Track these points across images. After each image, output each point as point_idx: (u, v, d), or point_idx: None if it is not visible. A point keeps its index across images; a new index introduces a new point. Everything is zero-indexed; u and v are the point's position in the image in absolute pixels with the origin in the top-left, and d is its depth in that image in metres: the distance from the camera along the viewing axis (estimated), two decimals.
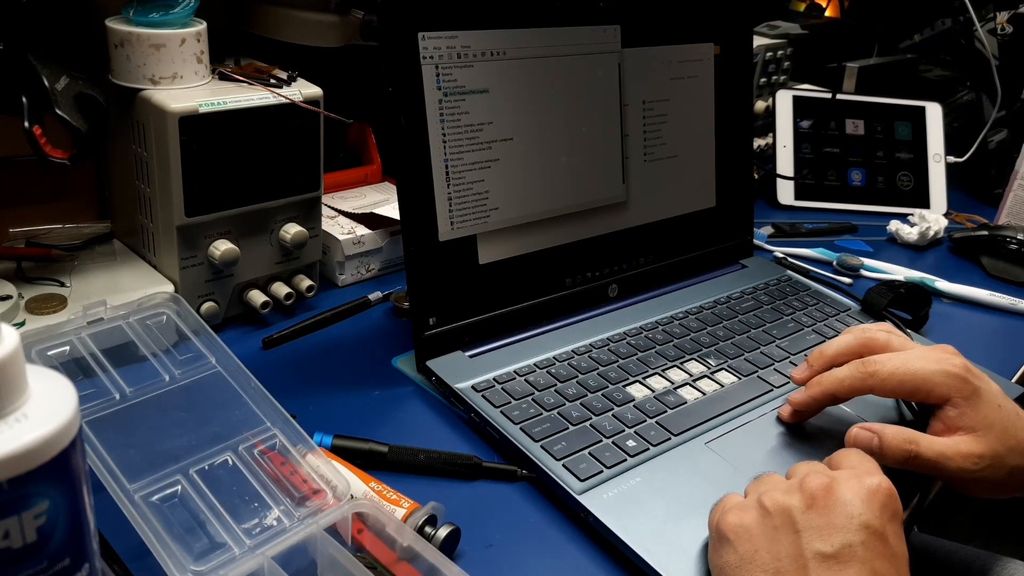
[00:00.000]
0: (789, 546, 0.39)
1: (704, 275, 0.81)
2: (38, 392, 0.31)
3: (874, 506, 0.40)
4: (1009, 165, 1.04)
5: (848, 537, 0.39)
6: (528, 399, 0.59)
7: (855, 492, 0.40)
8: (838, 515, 0.39)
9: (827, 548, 0.38)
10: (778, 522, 0.40)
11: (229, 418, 0.48)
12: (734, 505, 0.43)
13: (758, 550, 0.40)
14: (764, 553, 0.40)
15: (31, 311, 0.61)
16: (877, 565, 0.38)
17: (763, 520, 0.41)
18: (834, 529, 0.39)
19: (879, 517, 0.40)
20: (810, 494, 0.40)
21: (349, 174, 0.87)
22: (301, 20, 0.74)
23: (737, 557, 0.41)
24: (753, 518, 0.41)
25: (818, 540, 0.39)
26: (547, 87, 0.66)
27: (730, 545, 0.41)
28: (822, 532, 0.39)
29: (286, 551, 0.42)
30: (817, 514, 0.39)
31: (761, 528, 0.41)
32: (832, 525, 0.39)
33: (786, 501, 0.41)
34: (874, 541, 0.39)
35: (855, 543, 0.38)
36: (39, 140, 0.58)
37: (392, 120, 0.59)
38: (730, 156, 0.83)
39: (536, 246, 0.68)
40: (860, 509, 0.39)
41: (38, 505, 0.30)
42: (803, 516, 0.40)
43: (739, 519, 0.42)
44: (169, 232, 0.64)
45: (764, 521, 0.41)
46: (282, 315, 0.71)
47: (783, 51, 1.11)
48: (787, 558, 0.39)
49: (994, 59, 1.15)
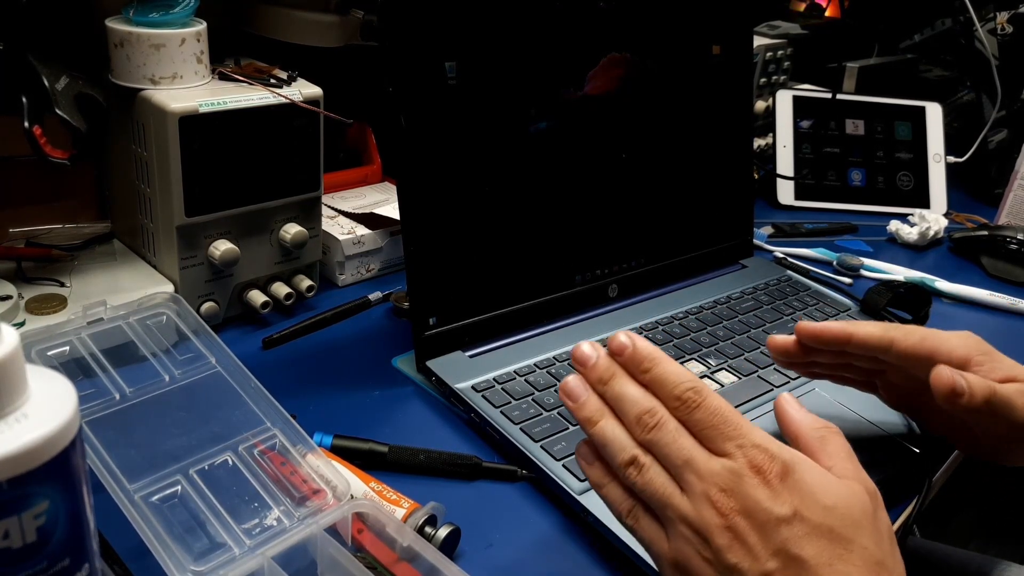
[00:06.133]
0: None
1: (704, 275, 0.81)
2: (38, 392, 0.31)
3: (773, 491, 0.38)
4: (1009, 165, 1.04)
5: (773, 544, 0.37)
6: (528, 399, 0.59)
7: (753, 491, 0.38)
8: (755, 532, 0.38)
9: (768, 565, 0.37)
10: (719, 567, 0.38)
11: (229, 418, 0.48)
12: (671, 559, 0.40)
13: None
14: None
15: (31, 311, 0.61)
16: (809, 550, 0.37)
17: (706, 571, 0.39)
18: (759, 546, 0.37)
19: (783, 499, 0.38)
20: (725, 527, 0.38)
21: (349, 174, 0.87)
22: (301, 20, 0.74)
23: None
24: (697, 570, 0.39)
25: (755, 564, 0.37)
26: None
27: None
28: (753, 556, 0.37)
29: (286, 551, 0.42)
30: (740, 543, 0.38)
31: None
32: (758, 542, 0.37)
33: (713, 544, 0.38)
34: (793, 529, 0.37)
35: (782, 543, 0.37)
36: (39, 140, 0.58)
37: (392, 120, 0.59)
38: (730, 156, 0.83)
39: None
40: (766, 506, 0.37)
41: (38, 505, 0.30)
42: (732, 554, 0.38)
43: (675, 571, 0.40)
44: (169, 232, 0.64)
45: (707, 572, 0.39)
46: (282, 315, 0.71)
47: (783, 51, 1.11)
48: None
49: (994, 59, 1.15)
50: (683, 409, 0.40)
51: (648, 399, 0.41)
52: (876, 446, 0.58)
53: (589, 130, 0.70)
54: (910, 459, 0.57)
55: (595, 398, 0.42)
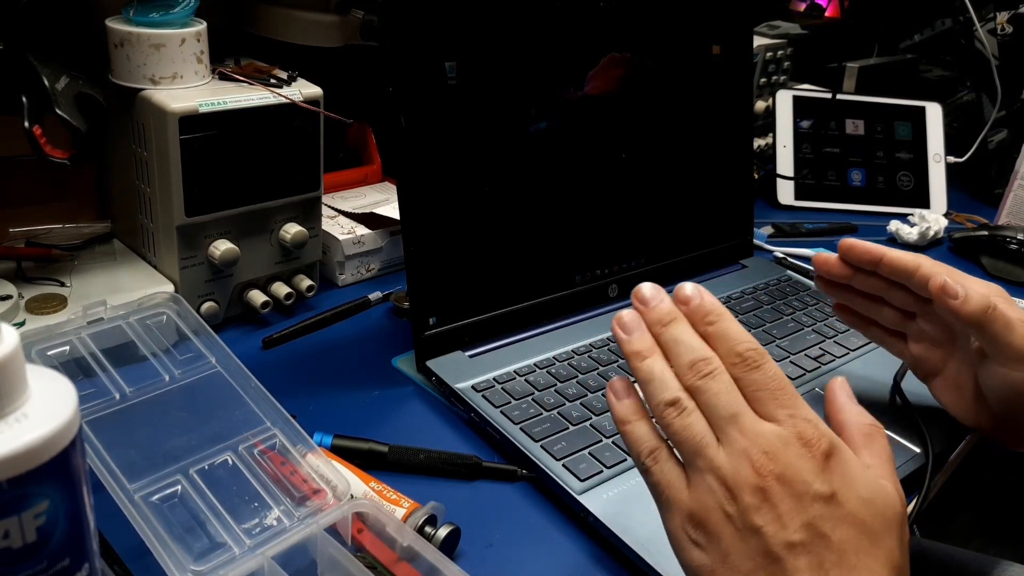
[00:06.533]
0: (757, 545, 0.38)
1: (704, 275, 0.81)
2: (38, 392, 0.31)
3: (820, 472, 0.38)
4: (1009, 165, 1.04)
5: (805, 516, 0.37)
6: (528, 399, 0.59)
7: (800, 464, 0.38)
8: (789, 499, 0.37)
9: (793, 536, 0.37)
10: (740, 524, 0.38)
11: (229, 418, 0.48)
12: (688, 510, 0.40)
13: (729, 553, 0.38)
14: (735, 555, 0.38)
15: (31, 311, 0.61)
16: (838, 533, 0.37)
17: (725, 528, 0.38)
18: (791, 514, 0.37)
19: (825, 477, 0.38)
20: (758, 487, 0.38)
21: (349, 174, 0.87)
22: (301, 20, 0.74)
23: (709, 560, 0.39)
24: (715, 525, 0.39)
25: (781, 531, 0.37)
26: None
27: (699, 549, 0.39)
28: (781, 522, 0.37)
29: (286, 551, 0.42)
30: (770, 506, 0.37)
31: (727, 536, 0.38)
32: (790, 511, 0.37)
33: (741, 502, 0.38)
34: (828, 508, 0.37)
35: (814, 519, 0.37)
36: (39, 140, 0.58)
37: (392, 120, 0.59)
38: (730, 156, 0.83)
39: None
40: (808, 481, 0.37)
41: (38, 505, 0.30)
42: (759, 515, 0.37)
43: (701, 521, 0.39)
44: (169, 232, 0.64)
45: (726, 530, 0.38)
46: (282, 315, 0.71)
47: (783, 51, 1.11)
48: (759, 556, 0.37)
49: (994, 59, 1.15)
50: (742, 366, 0.39)
51: (706, 349, 0.40)
52: None
53: (589, 130, 0.70)
54: (910, 459, 0.57)
55: (648, 335, 0.41)
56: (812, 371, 0.66)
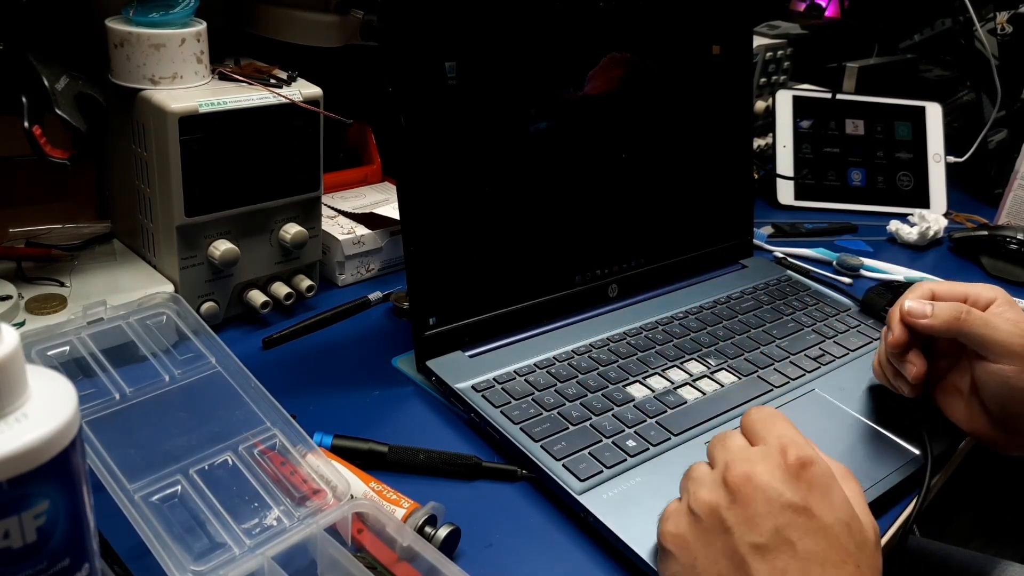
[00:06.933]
0: (723, 546, 0.40)
1: (704, 275, 0.81)
2: (38, 392, 0.31)
3: (792, 481, 0.40)
4: (1009, 165, 1.04)
5: (774, 522, 0.39)
6: (528, 399, 0.59)
7: (772, 473, 0.40)
8: (760, 503, 0.39)
9: (758, 539, 0.38)
10: (708, 524, 0.40)
11: (229, 418, 0.48)
12: (670, 513, 0.44)
13: (697, 557, 0.41)
14: (703, 559, 0.40)
15: (31, 311, 0.61)
16: (806, 542, 0.38)
17: (695, 526, 0.41)
18: (760, 518, 0.39)
19: (799, 491, 0.39)
20: (733, 487, 0.40)
21: (349, 174, 0.87)
22: (301, 20, 0.75)
23: (680, 567, 0.41)
24: (686, 525, 0.42)
25: (748, 533, 0.39)
26: None
27: (672, 557, 0.42)
28: (750, 524, 0.39)
29: (286, 551, 0.42)
30: (741, 507, 0.39)
31: (695, 534, 0.41)
32: (758, 514, 0.39)
33: (712, 500, 0.41)
34: (799, 518, 0.39)
35: (782, 526, 0.38)
36: (39, 140, 0.58)
37: (392, 120, 0.59)
38: (730, 156, 0.83)
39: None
40: (780, 490, 0.39)
41: (38, 505, 0.30)
42: (729, 512, 0.40)
43: (675, 528, 0.42)
44: (169, 232, 0.64)
45: (696, 527, 0.41)
46: (282, 315, 0.71)
47: (783, 51, 1.11)
48: (724, 558, 0.39)
49: (994, 59, 1.15)
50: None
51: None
52: (876, 446, 0.58)
53: (589, 130, 0.70)
54: (910, 459, 0.57)
55: None
56: (812, 371, 0.66)
